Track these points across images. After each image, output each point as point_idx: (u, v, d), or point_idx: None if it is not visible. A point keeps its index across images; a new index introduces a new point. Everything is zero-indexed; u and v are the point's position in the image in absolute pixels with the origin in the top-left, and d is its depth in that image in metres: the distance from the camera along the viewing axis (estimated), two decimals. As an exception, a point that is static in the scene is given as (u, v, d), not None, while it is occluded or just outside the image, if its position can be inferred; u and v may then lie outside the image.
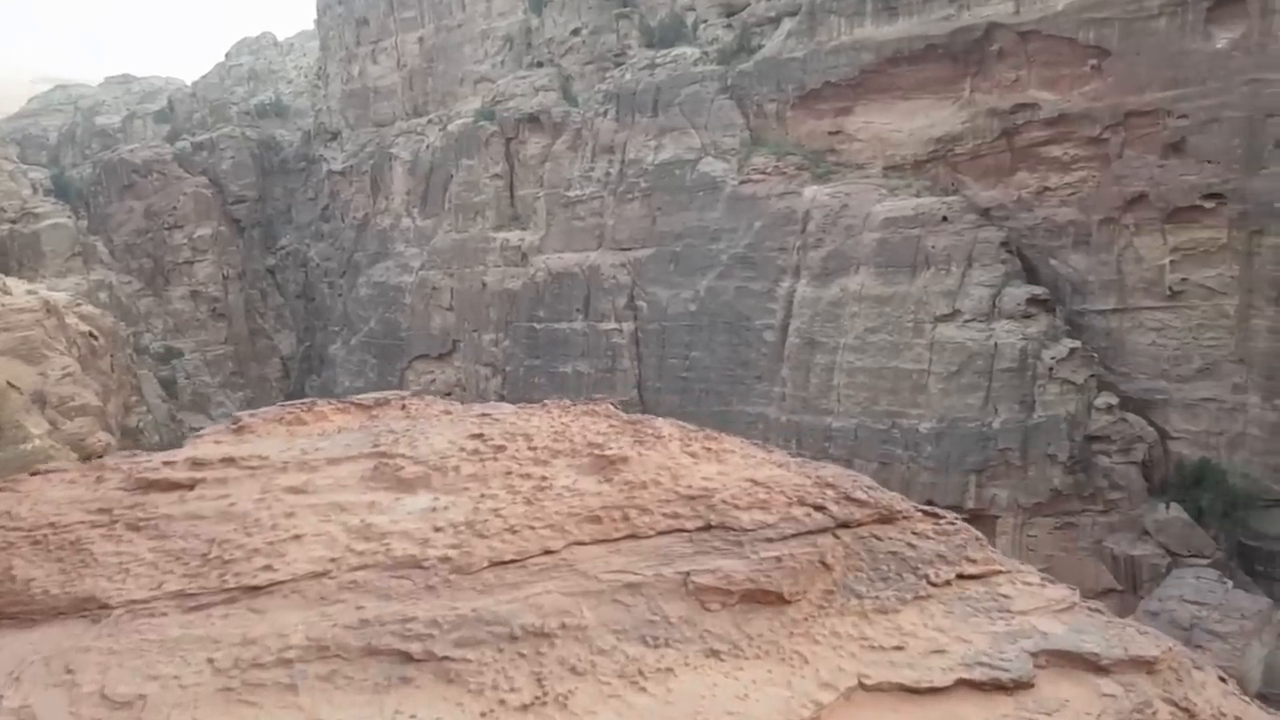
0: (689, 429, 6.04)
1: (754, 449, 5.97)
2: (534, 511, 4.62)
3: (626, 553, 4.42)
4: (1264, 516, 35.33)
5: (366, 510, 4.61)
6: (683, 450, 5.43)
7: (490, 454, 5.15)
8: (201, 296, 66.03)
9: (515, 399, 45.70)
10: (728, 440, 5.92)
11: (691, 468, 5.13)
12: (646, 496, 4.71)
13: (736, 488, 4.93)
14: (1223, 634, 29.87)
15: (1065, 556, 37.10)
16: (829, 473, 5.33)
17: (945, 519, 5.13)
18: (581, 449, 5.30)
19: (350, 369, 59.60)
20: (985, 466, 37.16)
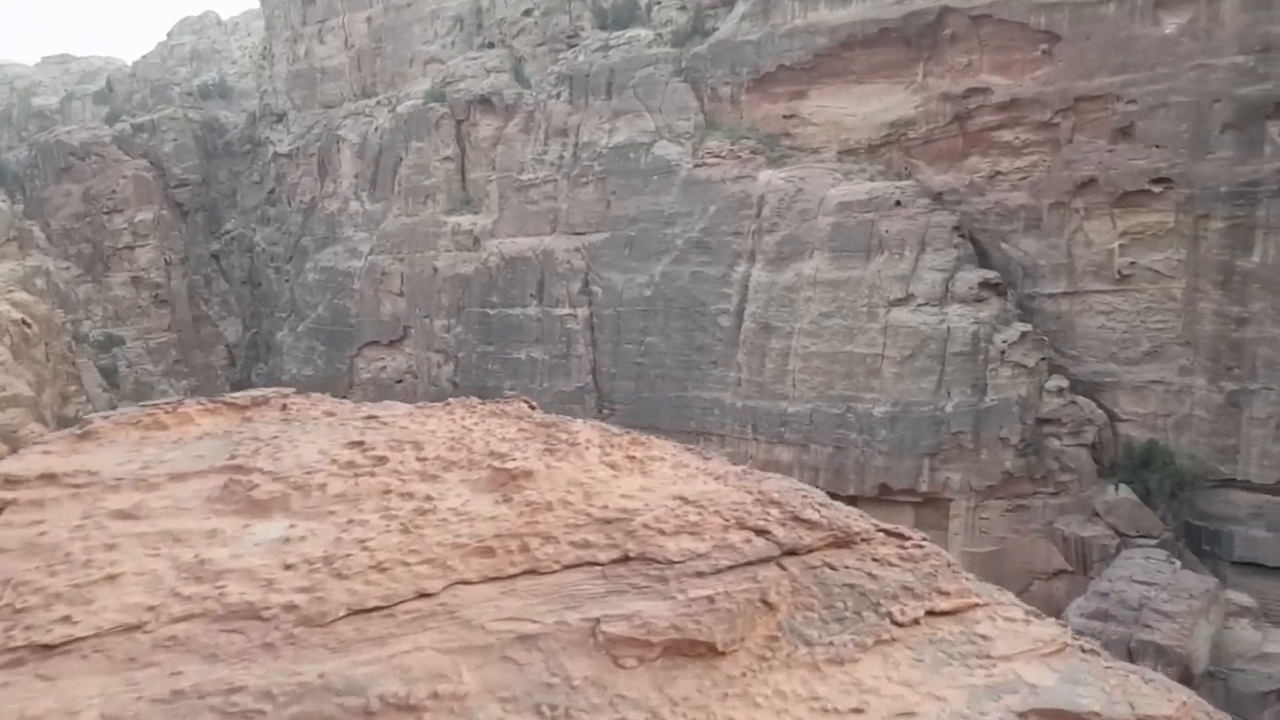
0: (612, 433, 5.21)
1: (688, 456, 5.14)
2: (410, 542, 3.68)
3: (523, 594, 3.51)
4: (1210, 497, 35.54)
5: (205, 541, 3.61)
6: (601, 460, 4.59)
7: (368, 467, 4.15)
8: (143, 283, 63.85)
9: (468, 386, 44.74)
10: (657, 446, 5.10)
11: (610, 483, 4.31)
12: (552, 520, 3.85)
13: (662, 508, 4.10)
14: (1171, 614, 29.86)
15: (1017, 538, 37.10)
16: (774, 486, 4.53)
17: (911, 540, 4.30)
18: (481, 460, 4.38)
19: (298, 356, 58.02)
20: (938, 450, 36.95)
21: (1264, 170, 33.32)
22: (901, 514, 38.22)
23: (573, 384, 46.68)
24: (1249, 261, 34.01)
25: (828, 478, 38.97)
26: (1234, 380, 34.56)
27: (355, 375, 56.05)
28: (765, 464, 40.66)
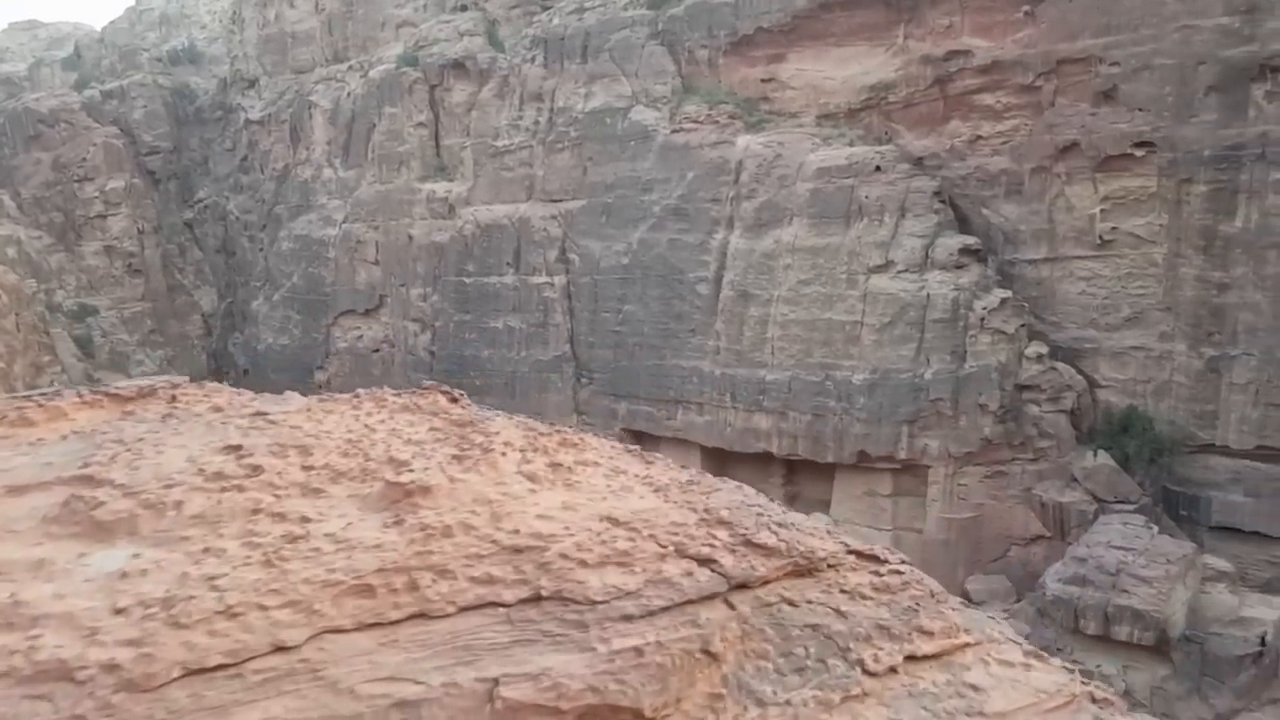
0: (539, 433, 4.50)
1: (627, 460, 4.53)
2: (272, 579, 2.91)
3: (408, 644, 2.79)
4: (1188, 462, 35.38)
5: (29, 574, 2.82)
6: (519, 470, 3.95)
7: (239, 479, 3.41)
8: (116, 252, 62.43)
9: (446, 355, 43.94)
10: (591, 448, 4.40)
11: (525, 500, 3.61)
12: (449, 550, 3.12)
13: (586, 532, 3.35)
14: (1148, 578, 29.75)
15: (995, 504, 36.90)
16: (723, 501, 3.84)
17: (887, 565, 3.69)
18: (377, 469, 3.72)
19: (274, 325, 56.96)
20: (917, 417, 36.57)
21: (1248, 134, 32.77)
22: (880, 481, 37.98)
23: (550, 353, 45.97)
24: (1231, 226, 33.56)
25: (806, 445, 38.61)
26: (1214, 346, 34.25)
27: (332, 344, 55.10)
28: (744, 432, 40.28)
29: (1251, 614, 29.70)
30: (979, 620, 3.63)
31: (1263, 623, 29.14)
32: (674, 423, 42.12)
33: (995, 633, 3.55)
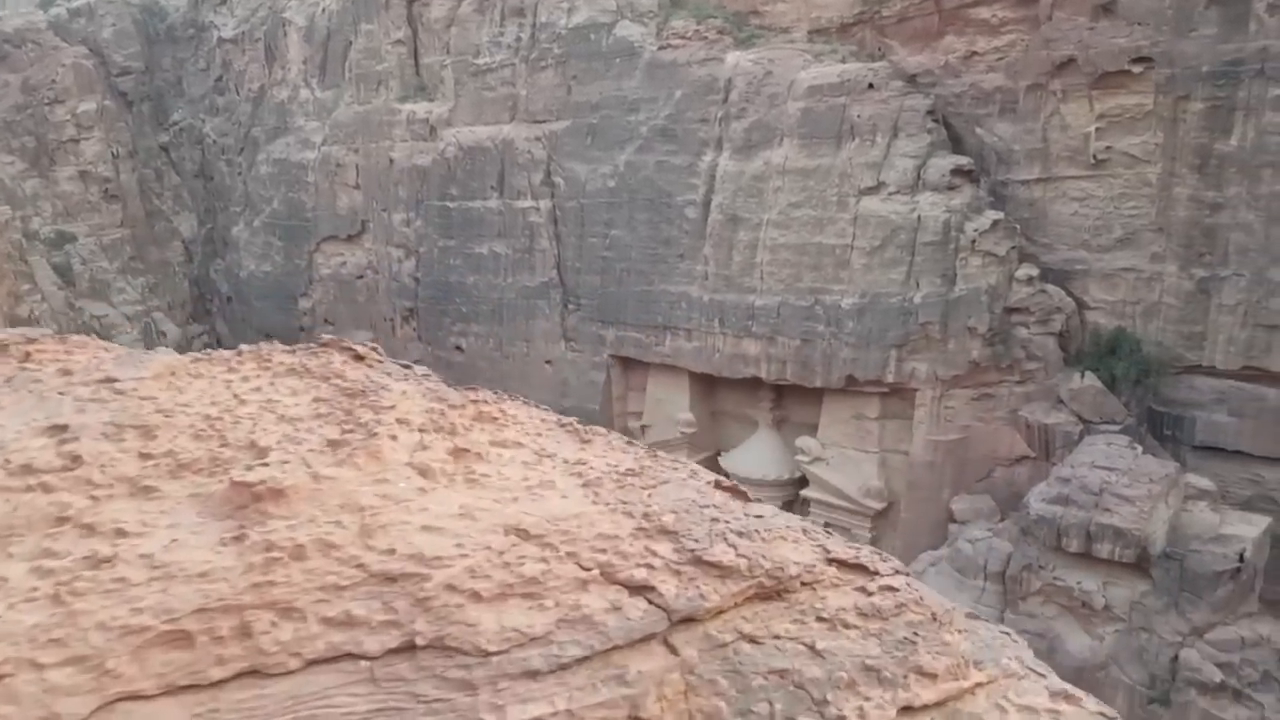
0: (448, 404, 3.71)
1: (557, 440, 3.74)
2: (56, 623, 2.13)
3: (230, 715, 2.07)
4: (1174, 383, 35.00)
5: None
6: (411, 458, 3.19)
7: (49, 474, 2.66)
8: (91, 177, 60.60)
9: (431, 281, 42.88)
10: (514, 424, 3.58)
11: (411, 504, 2.82)
12: (299, 579, 2.36)
13: (485, 550, 2.54)
14: (1131, 498, 29.57)
15: (981, 426, 36.59)
16: (669, 501, 2.99)
17: (877, 577, 2.90)
18: (231, 458, 2.94)
19: (255, 252, 55.69)
20: (906, 341, 35.97)
21: (1247, 49, 31.51)
22: (867, 404, 37.57)
23: (537, 279, 45.02)
24: (1227, 145, 32.54)
25: (794, 370, 38.07)
26: (1205, 267, 33.55)
27: (315, 271, 53.97)
28: (732, 358, 39.66)
29: (1231, 531, 29.62)
30: (992, 644, 2.92)
31: (1242, 540, 29.07)
32: (662, 349, 41.48)
33: (1013, 662, 2.85)
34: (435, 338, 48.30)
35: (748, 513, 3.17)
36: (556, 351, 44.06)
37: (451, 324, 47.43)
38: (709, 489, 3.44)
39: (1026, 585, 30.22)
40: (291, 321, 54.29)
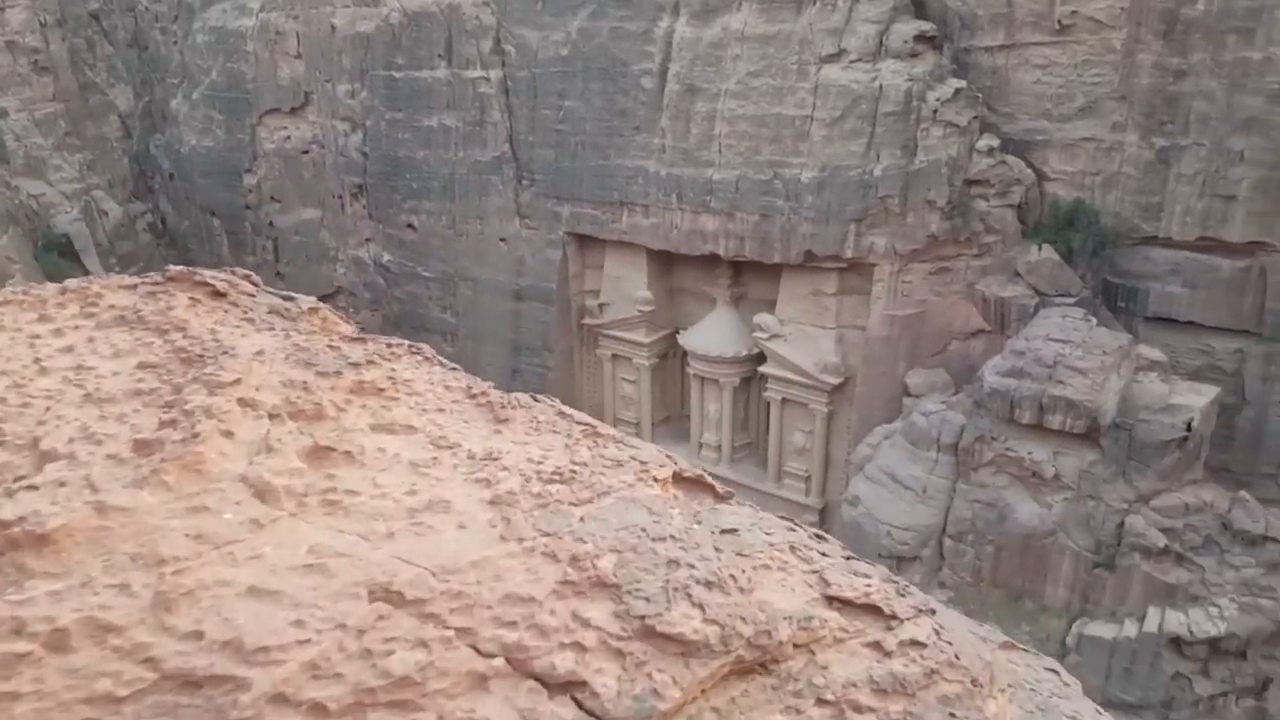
0: (318, 370, 2.95)
1: (464, 419, 2.94)
2: None
3: None
4: (1130, 254, 34.82)
5: None
6: (248, 468, 2.38)
7: None
8: (19, 48, 56.35)
9: (379, 156, 40.81)
10: (407, 395, 2.90)
11: (238, 548, 2.04)
12: (53, 685, 1.57)
13: (335, 630, 1.79)
14: (1083, 370, 29.71)
15: (938, 300, 36.35)
16: (612, 531, 2.27)
17: (896, 623, 2.15)
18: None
19: (195, 126, 52.71)
20: (865, 215, 35.18)
21: (1221, -95, 30.02)
22: (825, 280, 37.02)
23: (489, 153, 43.15)
24: (1193, 9, 31.37)
25: (753, 246, 37.25)
26: (1165, 136, 32.86)
27: (259, 146, 51.33)
28: (690, 234, 38.64)
29: (1180, 401, 29.97)
30: (1039, 688, 2.27)
31: (1190, 409, 29.46)
32: (619, 225, 40.30)
33: (1062, 702, 2.21)
34: (386, 215, 46.58)
35: (717, 530, 2.38)
36: (511, 229, 42.69)
37: (402, 201, 45.65)
38: (665, 501, 2.59)
39: (979, 456, 30.54)
40: (236, 199, 52.01)
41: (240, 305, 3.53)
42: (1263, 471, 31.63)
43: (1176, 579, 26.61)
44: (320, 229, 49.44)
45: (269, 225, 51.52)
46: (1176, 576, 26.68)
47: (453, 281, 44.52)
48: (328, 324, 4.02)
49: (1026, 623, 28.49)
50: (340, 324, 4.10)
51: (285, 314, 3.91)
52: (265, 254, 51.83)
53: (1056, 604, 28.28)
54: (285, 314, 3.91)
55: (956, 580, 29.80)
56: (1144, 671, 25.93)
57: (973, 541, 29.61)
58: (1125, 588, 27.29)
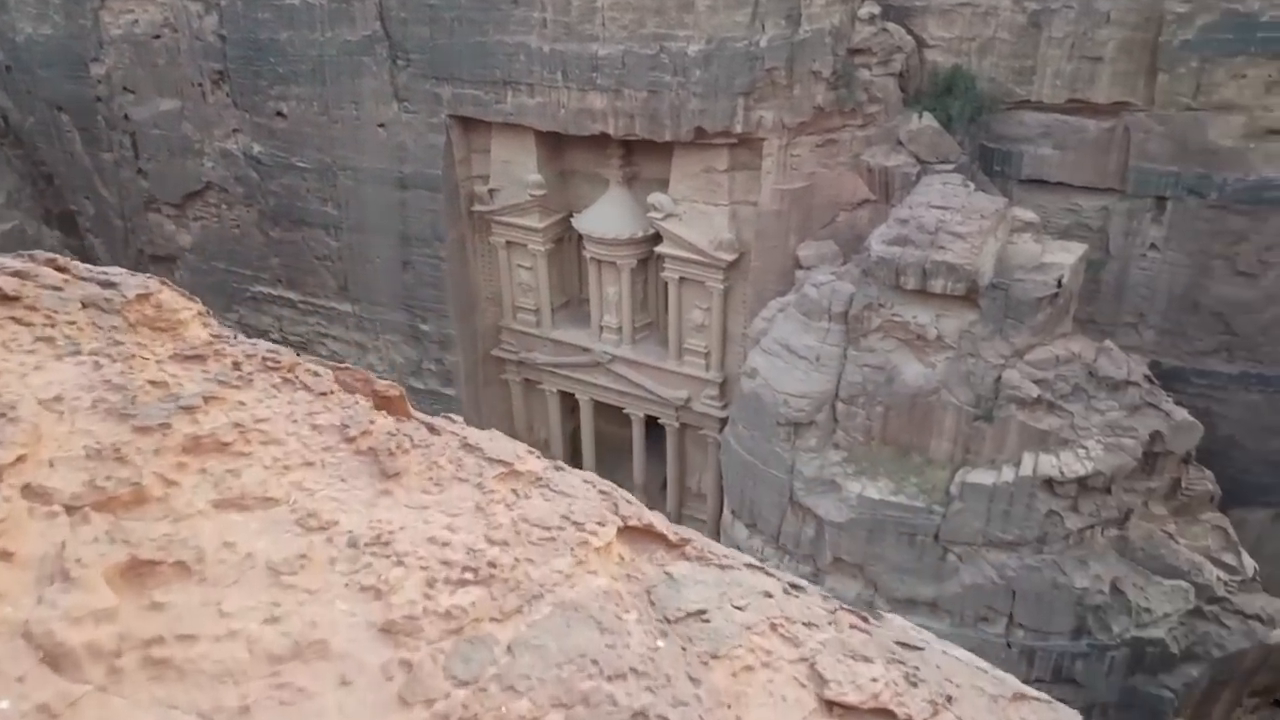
0: (137, 423, 2.23)
1: (340, 467, 2.41)
2: None
3: None
4: (1005, 119, 35.76)
5: None
6: (30, 614, 1.71)
7: None
8: None
9: (239, 40, 38.10)
10: (265, 445, 2.39)
11: None
12: None
13: None
14: (963, 234, 30.73)
15: (826, 172, 36.80)
16: (552, 676, 1.69)
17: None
18: None
19: (29, 12, 47.79)
20: (753, 89, 34.91)
21: None
22: (717, 157, 36.94)
23: (359, 32, 40.62)
24: None
25: (643, 124, 36.69)
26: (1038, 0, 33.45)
27: (104, 32, 47.04)
28: (578, 113, 37.70)
29: (1051, 260, 31.45)
30: None
31: (1060, 267, 30.95)
32: (504, 106, 38.95)
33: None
34: (253, 103, 43.79)
35: (682, 615, 2.04)
36: (389, 113, 40.79)
37: (269, 87, 42.90)
38: (616, 602, 2.10)
39: (867, 323, 31.63)
40: (85, 91, 47.92)
41: (40, 311, 2.65)
42: (1125, 321, 33.91)
43: (1049, 426, 28.60)
44: (181, 121, 46.20)
45: (124, 119, 47.82)
46: (1049, 423, 28.65)
47: (331, 171, 42.58)
48: (162, 314, 3.06)
49: (914, 475, 30.35)
50: (179, 310, 3.16)
51: (105, 307, 2.94)
52: (123, 150, 48.32)
53: (941, 456, 30.12)
54: (105, 307, 2.94)
55: (850, 441, 31.34)
56: (1020, 512, 28.12)
57: (863, 404, 30.98)
58: (1003, 437, 29.20)
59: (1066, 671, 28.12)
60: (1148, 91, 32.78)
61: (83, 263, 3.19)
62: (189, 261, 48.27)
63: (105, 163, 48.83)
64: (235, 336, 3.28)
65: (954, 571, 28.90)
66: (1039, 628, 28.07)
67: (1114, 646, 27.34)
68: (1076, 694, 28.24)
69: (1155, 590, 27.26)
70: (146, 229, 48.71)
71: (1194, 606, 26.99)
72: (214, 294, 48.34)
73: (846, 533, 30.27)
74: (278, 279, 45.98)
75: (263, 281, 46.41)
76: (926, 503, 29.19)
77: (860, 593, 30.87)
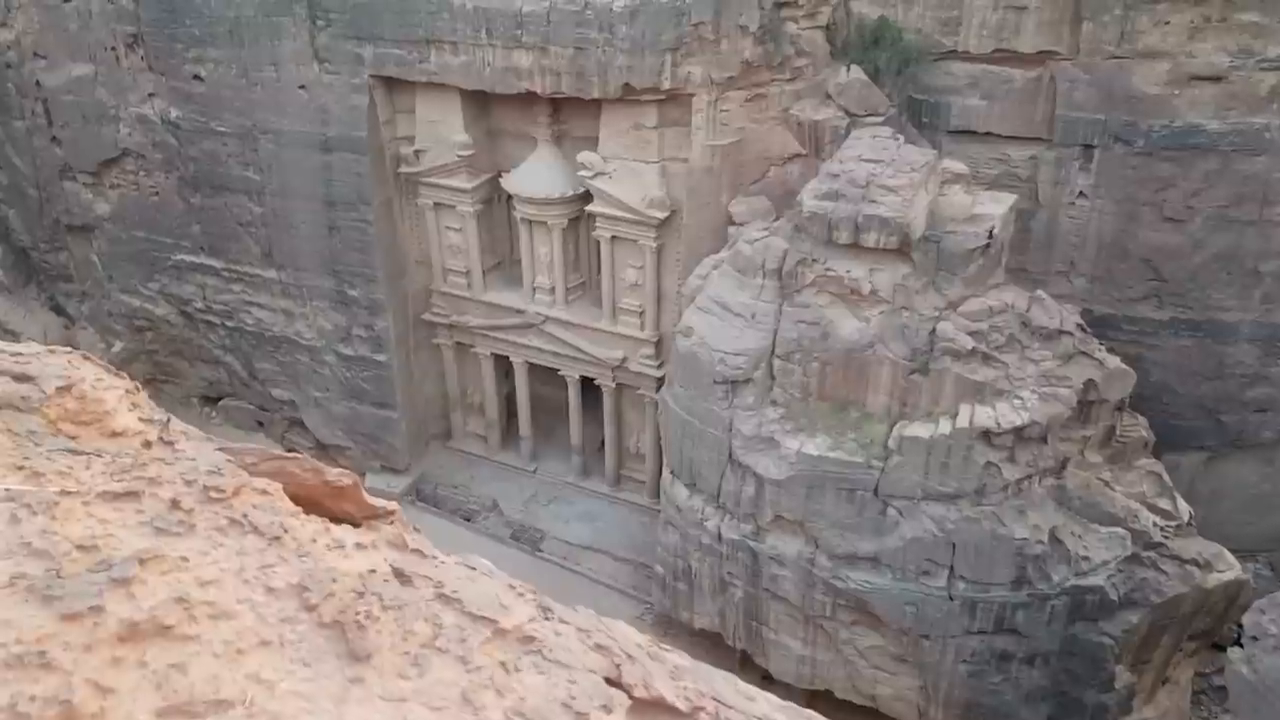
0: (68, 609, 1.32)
1: (301, 647, 1.47)
2: None
3: None
4: (932, 70, 33.33)
5: None
6: None
7: None
8: None
9: (152, 3, 33.54)
10: (214, 620, 1.46)
11: None
12: None
13: None
14: (894, 187, 28.38)
15: (755, 127, 34.03)
16: None
17: None
18: None
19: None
20: (680, 44, 31.80)
21: None
22: (645, 113, 33.85)
23: (282, -6, 36.31)
24: None
25: (570, 81, 33.32)
26: (966, -53, 30.76)
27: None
28: (504, 72, 34.04)
29: (982, 210, 29.35)
30: None
31: (991, 218, 28.90)
32: (428, 65, 35.16)
33: None
34: (169, 67, 39.24)
35: None
36: (310, 75, 36.68)
37: (185, 50, 38.40)
38: None
39: (801, 279, 29.13)
40: (-12, 60, 42.73)
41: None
42: (1056, 270, 31.87)
43: (984, 377, 26.45)
44: (95, 86, 41.37)
45: (35, 85, 42.77)
46: (984, 375, 26.51)
47: (252, 136, 38.36)
48: (86, 407, 2.67)
49: (852, 430, 28.04)
50: (104, 399, 2.73)
51: (21, 406, 2.57)
52: (36, 118, 43.31)
53: (878, 410, 27.84)
54: (21, 406, 2.57)
55: (787, 398, 28.87)
56: (958, 464, 25.99)
57: (800, 360, 28.56)
58: (939, 389, 27.01)
59: (1008, 622, 26.21)
60: (1073, 40, 30.51)
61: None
62: (107, 231, 43.66)
63: (17, 131, 43.75)
64: (168, 420, 2.98)
65: (894, 526, 26.68)
66: (980, 579, 26.06)
67: (1054, 595, 25.45)
68: (1018, 643, 26.39)
69: (1093, 538, 25.38)
70: (62, 198, 43.88)
71: (1131, 553, 25.19)
72: (134, 263, 43.87)
73: (786, 490, 27.85)
74: (200, 246, 41.72)
75: (184, 250, 42.10)
76: (865, 458, 26.87)
77: (801, 550, 28.54)
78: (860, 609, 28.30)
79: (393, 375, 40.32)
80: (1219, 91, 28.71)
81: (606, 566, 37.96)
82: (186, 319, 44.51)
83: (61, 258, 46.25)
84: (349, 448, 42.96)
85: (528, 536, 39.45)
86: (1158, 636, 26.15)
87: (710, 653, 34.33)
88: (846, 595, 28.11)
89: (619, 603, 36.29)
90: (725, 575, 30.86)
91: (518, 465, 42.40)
